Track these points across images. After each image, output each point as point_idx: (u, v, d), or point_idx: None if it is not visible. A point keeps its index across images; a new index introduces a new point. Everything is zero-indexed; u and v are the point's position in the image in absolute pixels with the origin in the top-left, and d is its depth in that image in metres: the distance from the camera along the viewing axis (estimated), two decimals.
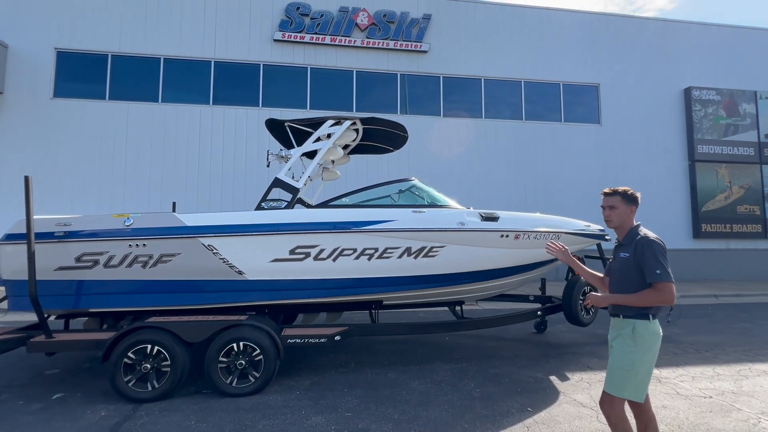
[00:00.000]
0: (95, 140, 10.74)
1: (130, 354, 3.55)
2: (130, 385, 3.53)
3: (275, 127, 4.90)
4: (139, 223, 3.78)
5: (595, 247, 5.86)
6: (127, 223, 3.76)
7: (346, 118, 4.58)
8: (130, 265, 3.75)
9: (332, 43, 11.85)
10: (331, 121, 4.52)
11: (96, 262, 3.71)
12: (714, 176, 13.29)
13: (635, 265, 2.18)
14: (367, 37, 12.03)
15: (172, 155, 11.02)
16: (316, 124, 4.57)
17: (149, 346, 3.59)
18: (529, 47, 12.92)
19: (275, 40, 11.70)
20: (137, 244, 3.73)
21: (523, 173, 12.50)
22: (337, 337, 4.03)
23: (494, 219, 4.42)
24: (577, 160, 12.78)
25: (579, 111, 13.12)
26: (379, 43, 12.06)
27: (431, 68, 12.43)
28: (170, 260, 3.78)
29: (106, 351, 3.53)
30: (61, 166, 10.52)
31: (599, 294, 2.32)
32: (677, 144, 13.49)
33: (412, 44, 12.19)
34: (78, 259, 3.69)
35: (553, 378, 4.23)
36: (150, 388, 3.54)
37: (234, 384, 3.69)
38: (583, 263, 6.14)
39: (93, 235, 3.70)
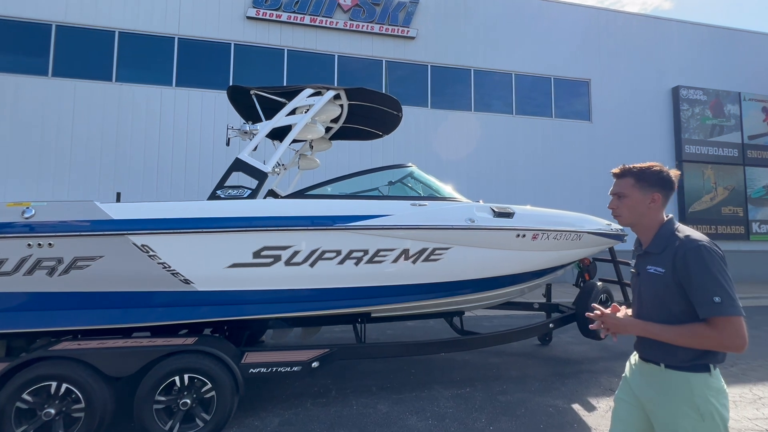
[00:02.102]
0: (35, 122, 9.32)
1: (25, 396, 2.57)
2: None
3: (240, 98, 3.95)
4: (43, 216, 2.77)
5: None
6: (26, 215, 2.75)
7: (328, 88, 3.69)
8: (30, 272, 2.75)
9: (312, 23, 10.86)
10: (310, 90, 3.62)
11: None
12: (700, 177, 13.16)
13: (676, 286, 1.41)
14: (351, 19, 11.11)
15: (127, 142, 9.74)
16: (291, 93, 3.66)
17: (54, 384, 2.62)
18: (520, 38, 12.34)
19: (248, 18, 10.59)
20: (40, 244, 2.73)
21: (512, 169, 11.92)
22: (315, 364, 3.16)
23: (509, 215, 3.64)
24: (568, 157, 12.31)
25: (570, 107, 12.66)
26: (363, 26, 11.16)
27: (419, 56, 11.63)
28: (88, 265, 2.80)
29: None
30: None
31: (624, 317, 1.53)
32: (665, 143, 13.27)
33: (398, 29, 11.36)
34: None
35: (576, 407, 3.52)
36: None
37: (176, 430, 2.78)
38: (594, 267, 5.57)
39: None
